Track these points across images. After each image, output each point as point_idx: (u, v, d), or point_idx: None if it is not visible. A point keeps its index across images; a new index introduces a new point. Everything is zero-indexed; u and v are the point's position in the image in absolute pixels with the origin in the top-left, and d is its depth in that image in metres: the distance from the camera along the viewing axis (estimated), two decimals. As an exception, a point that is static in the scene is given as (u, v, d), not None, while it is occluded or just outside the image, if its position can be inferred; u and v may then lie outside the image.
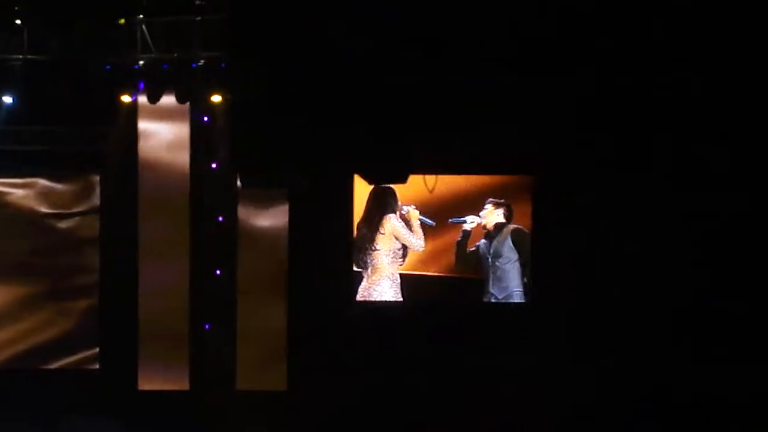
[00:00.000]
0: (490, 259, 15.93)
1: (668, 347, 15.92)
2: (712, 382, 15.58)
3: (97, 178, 17.38)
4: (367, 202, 16.06)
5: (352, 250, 16.40)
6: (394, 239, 15.83)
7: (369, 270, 16.00)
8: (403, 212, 15.85)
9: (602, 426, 15.80)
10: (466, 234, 15.95)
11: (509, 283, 15.90)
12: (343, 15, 13.82)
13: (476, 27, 13.88)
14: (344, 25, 13.84)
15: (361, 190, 16.13)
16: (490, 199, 16.03)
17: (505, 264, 15.85)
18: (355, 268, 16.16)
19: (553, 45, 14.91)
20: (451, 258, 16.04)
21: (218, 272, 17.14)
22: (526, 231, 15.95)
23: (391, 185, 15.85)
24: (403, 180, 16.61)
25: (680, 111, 15.16)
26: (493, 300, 15.96)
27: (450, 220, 16.04)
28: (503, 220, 15.98)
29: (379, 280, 15.92)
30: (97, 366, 17.42)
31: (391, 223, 15.83)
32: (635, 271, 16.03)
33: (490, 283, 15.95)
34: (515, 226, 16.00)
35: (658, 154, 15.89)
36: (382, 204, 15.94)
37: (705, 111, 14.91)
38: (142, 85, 16.46)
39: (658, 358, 15.93)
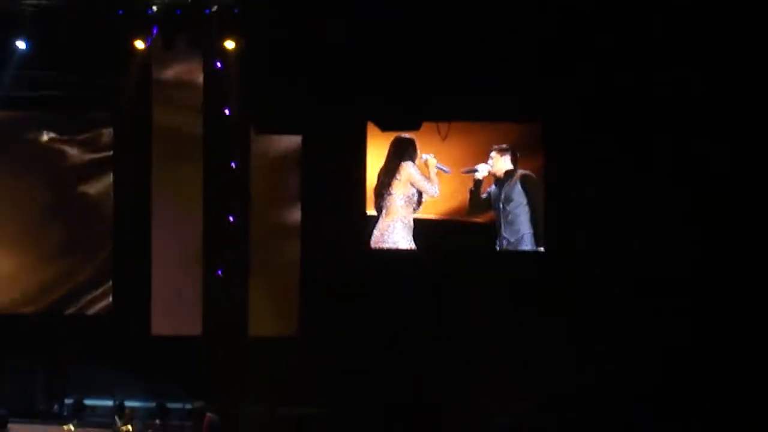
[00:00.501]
0: (501, 204, 16.30)
1: (677, 301, 16.03)
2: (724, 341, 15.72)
3: (111, 123, 17.42)
4: (388, 151, 16.41)
5: (366, 197, 16.55)
6: (409, 185, 16.20)
7: (384, 213, 16.28)
8: (421, 160, 16.16)
9: (609, 378, 15.97)
10: (478, 182, 16.33)
11: (520, 226, 16.28)
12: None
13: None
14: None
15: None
16: (494, 146, 16.36)
17: (515, 208, 16.21)
18: (372, 213, 16.40)
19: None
20: (465, 203, 16.39)
21: (231, 218, 17.19)
22: (535, 176, 16.26)
23: (411, 135, 16.27)
24: (416, 127, 16.80)
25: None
26: (505, 243, 16.23)
27: (462, 170, 16.38)
28: (511, 166, 16.34)
29: (393, 222, 16.28)
30: (111, 311, 17.56)
31: (408, 170, 16.21)
32: (647, 218, 16.12)
33: (502, 227, 16.33)
34: (524, 171, 16.36)
35: (670, 112, 15.98)
36: (400, 152, 16.34)
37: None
38: (155, 31, 16.39)
39: (666, 313, 16.05)
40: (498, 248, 16.36)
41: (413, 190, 16.14)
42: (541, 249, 16.32)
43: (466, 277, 16.46)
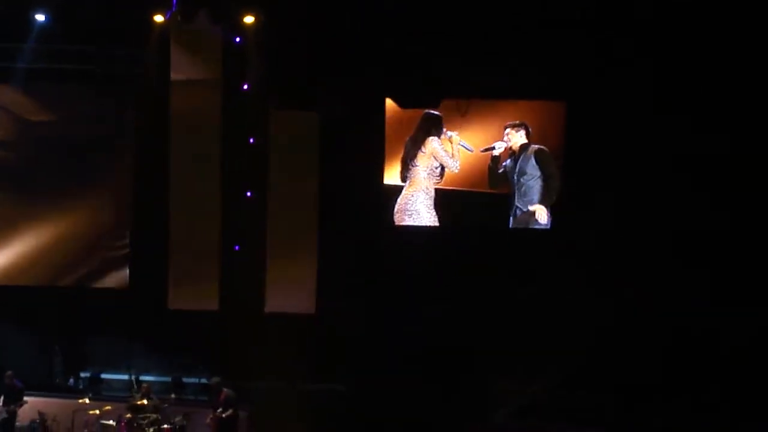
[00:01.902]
0: (515, 177, 16.51)
1: (689, 280, 16.02)
2: (728, 319, 15.68)
3: (131, 97, 17.34)
4: (417, 124, 16.55)
5: (384, 173, 16.61)
6: (432, 158, 16.38)
7: (408, 182, 16.47)
8: (446, 136, 16.39)
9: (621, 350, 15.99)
10: (496, 158, 16.53)
11: (533, 197, 16.48)
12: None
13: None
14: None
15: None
16: (508, 123, 16.53)
17: (528, 180, 16.46)
18: (396, 182, 16.56)
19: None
20: (485, 178, 16.64)
21: (249, 194, 17.20)
22: (548, 151, 16.44)
23: (438, 112, 16.48)
24: (435, 104, 16.81)
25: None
26: (518, 213, 16.51)
27: (481, 150, 16.54)
28: (526, 140, 16.51)
29: (415, 192, 16.40)
30: (129, 286, 17.54)
31: (432, 144, 16.39)
32: (661, 196, 16.13)
33: (516, 197, 16.56)
34: (538, 146, 16.52)
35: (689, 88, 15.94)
36: (428, 127, 16.48)
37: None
38: (175, 5, 16.36)
39: (678, 290, 16.04)
40: (512, 218, 16.53)
41: (436, 163, 16.39)
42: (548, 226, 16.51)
43: (484, 253, 16.52)
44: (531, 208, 16.37)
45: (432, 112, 16.46)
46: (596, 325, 16.12)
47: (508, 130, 16.48)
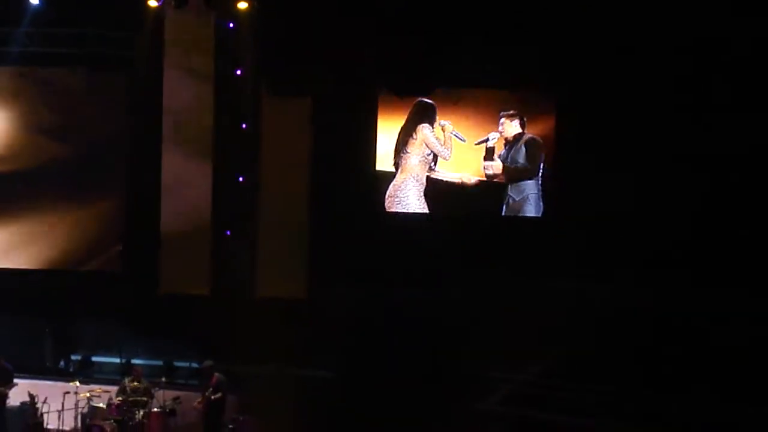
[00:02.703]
0: (508, 166, 16.73)
1: (678, 270, 16.10)
2: (720, 304, 15.74)
3: (123, 81, 17.33)
4: (410, 111, 16.83)
5: (376, 160, 16.71)
6: (424, 146, 16.69)
7: (399, 170, 16.73)
8: (439, 125, 16.69)
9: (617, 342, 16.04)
10: (491, 149, 16.75)
11: (525, 187, 16.79)
12: None
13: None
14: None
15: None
16: (502, 113, 16.74)
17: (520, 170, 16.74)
18: (389, 169, 16.75)
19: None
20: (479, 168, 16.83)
21: (241, 179, 17.21)
22: (540, 140, 16.70)
23: (431, 100, 16.72)
24: (427, 92, 16.87)
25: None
26: (511, 201, 16.75)
27: (475, 143, 16.80)
28: (520, 130, 16.75)
29: (406, 179, 16.72)
30: (120, 270, 17.56)
31: (423, 132, 16.72)
32: (651, 190, 16.20)
33: (509, 186, 16.84)
34: (530, 135, 16.76)
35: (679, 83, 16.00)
36: (420, 115, 16.80)
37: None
38: (169, -11, 16.42)
39: (668, 279, 16.12)
40: (505, 206, 16.71)
41: (428, 150, 16.65)
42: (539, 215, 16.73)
43: (475, 240, 16.62)
44: (523, 196, 16.54)
45: (425, 100, 16.68)
46: (587, 315, 16.21)
47: (503, 119, 16.71)
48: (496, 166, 16.70)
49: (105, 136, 17.50)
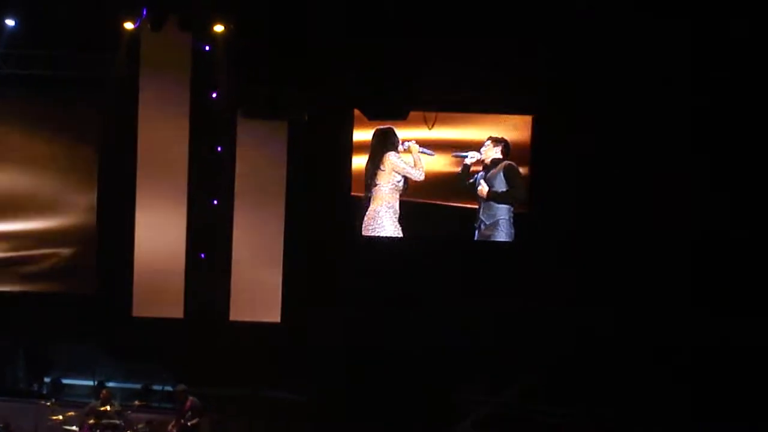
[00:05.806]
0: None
1: (663, 296, 16.18)
2: (711, 331, 15.82)
3: (98, 104, 17.23)
4: (371, 142, 16.72)
5: (352, 184, 16.72)
6: (394, 173, 16.58)
7: (371, 200, 16.64)
8: (404, 147, 16.51)
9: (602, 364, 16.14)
10: (466, 167, 16.71)
11: (497, 212, 16.71)
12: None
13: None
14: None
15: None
16: (490, 136, 16.68)
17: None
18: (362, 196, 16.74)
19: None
20: (451, 188, 16.82)
21: (215, 202, 17.20)
22: (517, 167, 16.62)
23: (390, 125, 16.59)
24: (402, 116, 16.88)
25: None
26: (482, 227, 16.69)
27: (453, 153, 16.77)
28: (500, 156, 16.68)
29: (378, 208, 16.61)
30: (94, 292, 17.44)
31: (390, 160, 16.58)
32: (632, 212, 16.27)
33: (481, 210, 16.77)
34: (509, 162, 16.66)
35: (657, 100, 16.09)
36: (383, 143, 16.65)
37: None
38: (144, 12, 16.33)
39: (653, 305, 16.18)
40: (477, 231, 16.68)
41: (399, 176, 16.56)
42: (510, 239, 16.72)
43: (448, 265, 16.64)
44: (494, 221, 16.54)
45: (381, 127, 16.62)
46: (559, 337, 16.27)
47: (488, 142, 16.66)
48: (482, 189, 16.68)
49: (78, 156, 17.43)
